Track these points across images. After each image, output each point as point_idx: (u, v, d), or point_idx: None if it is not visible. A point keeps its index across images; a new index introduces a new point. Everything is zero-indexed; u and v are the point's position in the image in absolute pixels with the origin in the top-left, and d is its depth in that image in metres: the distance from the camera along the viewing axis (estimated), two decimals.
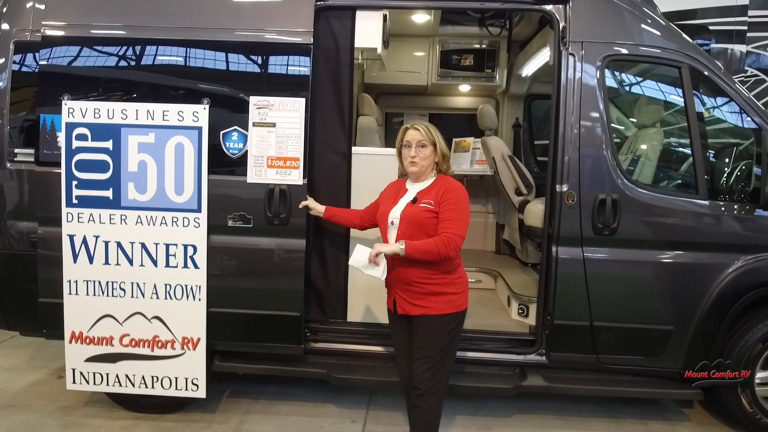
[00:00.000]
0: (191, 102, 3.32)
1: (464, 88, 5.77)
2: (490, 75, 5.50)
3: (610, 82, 3.47)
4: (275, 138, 3.35)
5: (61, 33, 3.44)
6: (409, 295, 2.82)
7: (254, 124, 3.34)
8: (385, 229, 2.89)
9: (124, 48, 3.44)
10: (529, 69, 5.14)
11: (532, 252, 5.06)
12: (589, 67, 3.37)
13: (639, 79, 3.69)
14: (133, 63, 3.45)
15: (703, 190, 3.38)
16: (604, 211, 3.33)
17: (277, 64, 3.43)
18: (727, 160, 3.48)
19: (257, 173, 3.36)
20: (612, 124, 3.43)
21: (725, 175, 3.45)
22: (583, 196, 3.35)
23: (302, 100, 3.33)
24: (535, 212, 4.18)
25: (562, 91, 3.37)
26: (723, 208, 3.40)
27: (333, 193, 3.55)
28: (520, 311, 4.03)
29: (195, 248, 3.36)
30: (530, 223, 4.27)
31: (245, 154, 3.35)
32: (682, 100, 3.43)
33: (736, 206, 3.40)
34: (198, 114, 3.29)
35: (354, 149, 3.59)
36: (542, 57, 4.47)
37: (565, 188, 3.37)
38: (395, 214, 2.85)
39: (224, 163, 3.36)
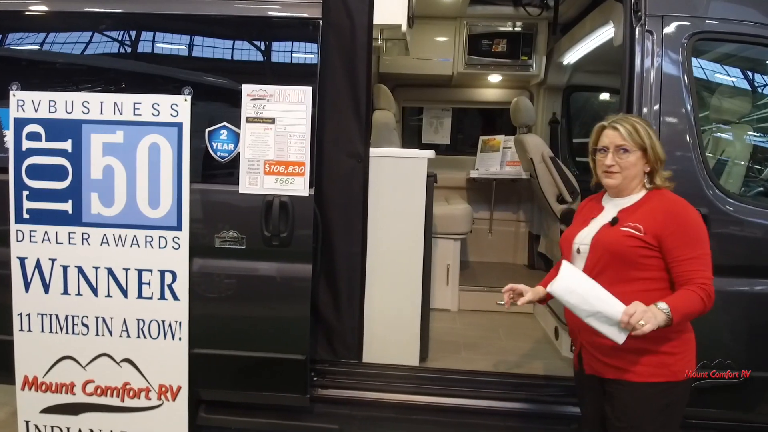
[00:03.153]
0: (169, 92, 2.67)
1: (494, 78, 5.06)
2: (526, 63, 4.78)
3: (697, 66, 2.77)
4: (274, 137, 2.67)
5: (7, 6, 2.77)
6: (601, 350, 2.07)
7: (248, 120, 2.67)
8: (569, 258, 2.18)
9: (87, 24, 2.77)
10: (574, 55, 4.42)
11: None
12: (672, 47, 2.67)
13: (732, 62, 2.98)
14: (97, 43, 2.78)
15: None
16: None
17: (277, 45, 2.76)
18: None
19: (252, 181, 2.69)
20: (701, 120, 2.73)
21: None
22: None
23: (308, 90, 2.66)
24: None
25: (636, 78, 2.68)
26: None
27: (346, 206, 2.90)
28: (573, 348, 3.32)
29: (174, 275, 2.70)
30: None
31: (237, 158, 2.69)
32: None
33: None
34: (178, 107, 2.64)
35: (372, 151, 2.92)
36: (597, 39, 3.76)
37: None
38: (584, 239, 2.14)
39: (211, 169, 2.71)
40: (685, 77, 2.67)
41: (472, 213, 4.39)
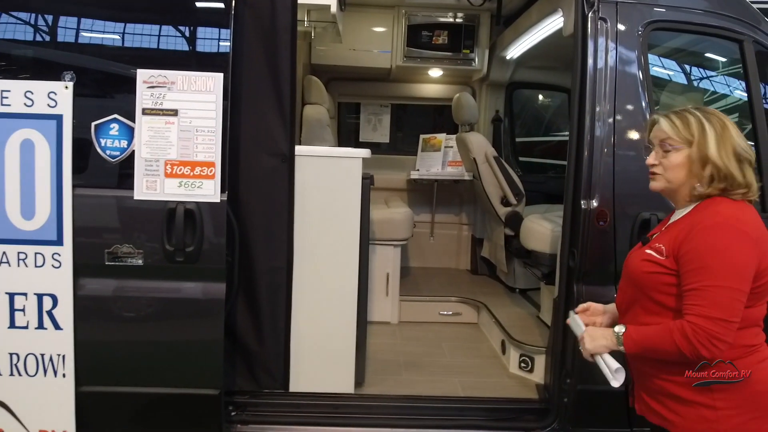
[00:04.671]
0: (46, 78, 2.20)
1: (435, 73, 4.76)
2: (468, 57, 4.50)
3: (655, 57, 2.56)
4: (177, 132, 2.25)
5: None
6: (646, 389, 1.73)
7: (144, 112, 2.24)
8: None
9: None
10: (518, 49, 4.17)
11: (521, 275, 4.15)
12: (627, 37, 2.46)
13: (691, 54, 2.79)
14: None
15: None
16: None
17: (182, 23, 2.35)
18: None
19: (150, 185, 2.25)
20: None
21: None
22: (619, 216, 2.45)
23: (219, 76, 2.26)
24: (540, 232, 3.23)
25: (590, 72, 2.45)
26: None
27: (268, 213, 2.53)
28: (522, 365, 3.06)
29: (55, 299, 2.24)
30: (532, 247, 3.31)
31: (131, 157, 2.25)
32: (744, 84, 2.57)
33: None
34: (56, 95, 2.18)
35: (298, 149, 2.55)
36: (544, 30, 3.50)
37: (594, 204, 2.45)
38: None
39: (99, 171, 2.26)
40: (642, 69, 2.46)
41: (413, 217, 4.08)
